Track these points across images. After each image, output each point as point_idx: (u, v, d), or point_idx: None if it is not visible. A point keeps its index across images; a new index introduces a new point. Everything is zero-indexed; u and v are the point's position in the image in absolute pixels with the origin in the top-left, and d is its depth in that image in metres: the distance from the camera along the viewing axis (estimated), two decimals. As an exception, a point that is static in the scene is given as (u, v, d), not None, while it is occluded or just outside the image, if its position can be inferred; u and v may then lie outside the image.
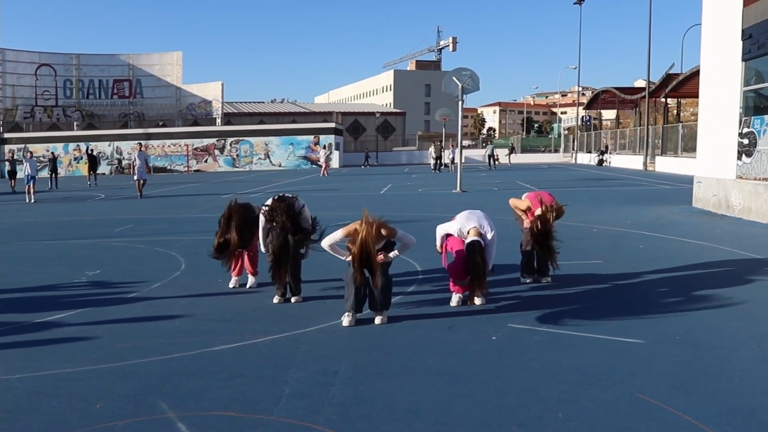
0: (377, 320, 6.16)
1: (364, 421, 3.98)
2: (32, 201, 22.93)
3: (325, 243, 6.37)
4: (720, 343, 5.32)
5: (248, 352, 5.34)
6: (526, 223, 7.62)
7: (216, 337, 5.78)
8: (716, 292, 6.97)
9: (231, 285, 7.92)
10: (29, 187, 23.39)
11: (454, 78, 33.94)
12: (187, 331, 6.02)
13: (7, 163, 32.66)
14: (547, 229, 7.15)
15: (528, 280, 7.75)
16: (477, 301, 6.65)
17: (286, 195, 7.13)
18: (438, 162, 40.22)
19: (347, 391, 4.45)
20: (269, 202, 7.02)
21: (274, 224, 6.72)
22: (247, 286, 7.87)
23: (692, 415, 3.92)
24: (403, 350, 5.31)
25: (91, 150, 41.66)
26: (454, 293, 6.80)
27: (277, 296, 7.24)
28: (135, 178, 24.33)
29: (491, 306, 6.64)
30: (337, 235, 6.22)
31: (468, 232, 6.59)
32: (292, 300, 7.15)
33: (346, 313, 6.16)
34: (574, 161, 53.94)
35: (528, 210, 7.66)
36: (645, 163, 36.92)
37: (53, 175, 32.87)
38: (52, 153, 36.46)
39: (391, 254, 6.32)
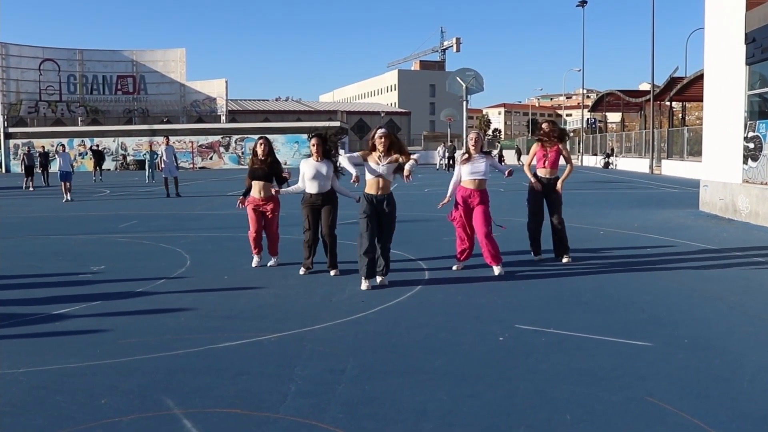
0: (378, 280, 7.59)
1: (371, 420, 3.94)
2: (69, 199, 21.01)
3: (343, 160, 7.76)
4: (729, 347, 5.28)
5: (254, 350, 5.31)
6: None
7: (221, 333, 5.75)
8: (725, 297, 6.93)
9: (254, 264, 8.87)
10: (64, 184, 21.31)
11: (458, 78, 33.78)
12: (193, 327, 6.00)
13: (24, 157, 29.77)
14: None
15: (536, 258, 9.09)
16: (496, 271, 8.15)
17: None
18: (451, 161, 40.53)
19: (354, 390, 4.41)
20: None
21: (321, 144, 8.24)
22: (269, 265, 8.88)
23: (702, 419, 3.87)
24: (410, 350, 5.27)
25: (97, 145, 41.66)
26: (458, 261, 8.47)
27: (303, 268, 8.36)
28: (163, 176, 22.69)
29: (498, 306, 6.61)
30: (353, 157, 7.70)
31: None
32: (331, 273, 8.24)
33: (364, 280, 7.42)
34: (580, 163, 53.86)
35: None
36: (651, 166, 36.84)
37: (44, 172, 30.77)
38: (43, 147, 35.00)
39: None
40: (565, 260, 8.86)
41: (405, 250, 9.76)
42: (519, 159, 51.39)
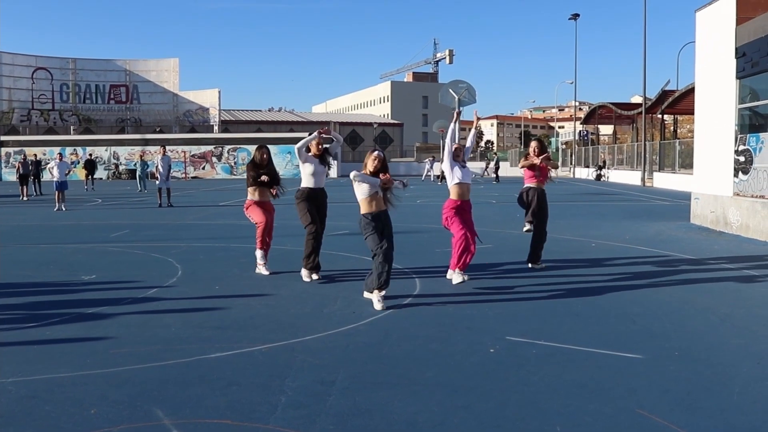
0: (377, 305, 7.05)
1: (361, 431, 3.93)
2: (63, 209, 20.69)
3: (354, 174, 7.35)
4: (719, 359, 5.30)
5: (245, 360, 5.30)
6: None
7: (212, 344, 5.73)
8: (715, 309, 6.95)
9: (267, 273, 8.94)
10: (58, 193, 20.92)
11: (450, 90, 33.86)
12: (184, 337, 5.98)
13: (19, 166, 28.43)
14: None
15: (526, 227, 9.46)
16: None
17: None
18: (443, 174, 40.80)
19: (344, 401, 4.41)
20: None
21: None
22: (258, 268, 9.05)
23: (692, 431, 3.88)
24: (401, 361, 5.27)
25: (90, 155, 41.54)
26: (455, 271, 8.29)
27: (312, 274, 8.54)
28: (157, 185, 22.25)
29: (489, 318, 6.61)
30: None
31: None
32: (313, 277, 8.51)
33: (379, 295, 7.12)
34: (572, 175, 54.05)
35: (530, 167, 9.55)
36: (643, 179, 37.02)
37: (36, 180, 29.81)
38: (35, 156, 34.04)
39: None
40: (540, 266, 9.34)
41: (396, 261, 9.74)
42: (487, 169, 51.60)
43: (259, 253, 9.06)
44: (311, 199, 8.53)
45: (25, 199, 26.61)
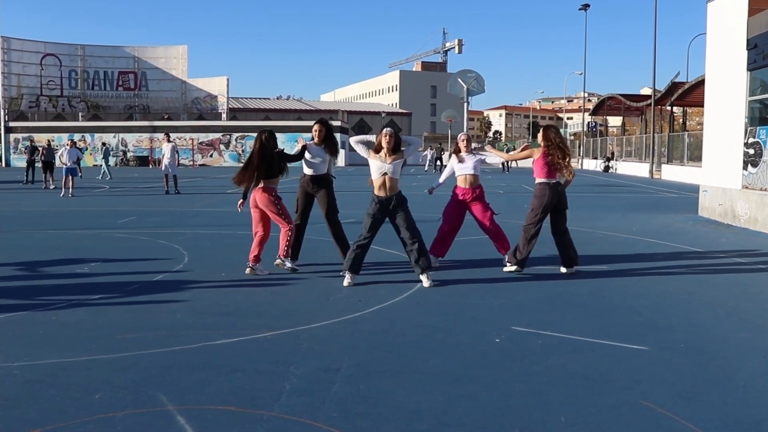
0: (425, 283, 7.49)
1: (365, 419, 3.94)
2: (69, 195, 20.63)
3: (354, 139, 7.80)
4: (725, 352, 5.27)
5: (249, 347, 5.30)
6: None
7: (217, 330, 5.74)
8: (722, 302, 6.92)
9: (249, 272, 8.22)
10: (66, 179, 21.05)
11: (459, 79, 33.81)
12: (189, 324, 5.99)
13: (43, 152, 27.20)
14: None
15: (510, 268, 8.21)
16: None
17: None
18: (438, 162, 41.16)
19: (348, 389, 4.41)
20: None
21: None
22: (287, 267, 8.33)
23: (697, 424, 3.87)
24: (406, 350, 5.27)
25: (74, 142, 41.20)
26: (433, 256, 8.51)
27: (286, 261, 8.32)
28: (163, 172, 22.72)
29: (494, 308, 6.60)
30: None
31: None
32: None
33: (347, 274, 7.50)
34: (580, 167, 53.84)
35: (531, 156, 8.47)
36: (651, 171, 36.86)
37: (32, 168, 29.09)
38: (32, 140, 31.89)
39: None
40: (567, 271, 8.32)
41: (403, 250, 9.74)
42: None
43: (257, 266, 8.18)
44: (303, 188, 8.55)
45: (52, 186, 25.12)
